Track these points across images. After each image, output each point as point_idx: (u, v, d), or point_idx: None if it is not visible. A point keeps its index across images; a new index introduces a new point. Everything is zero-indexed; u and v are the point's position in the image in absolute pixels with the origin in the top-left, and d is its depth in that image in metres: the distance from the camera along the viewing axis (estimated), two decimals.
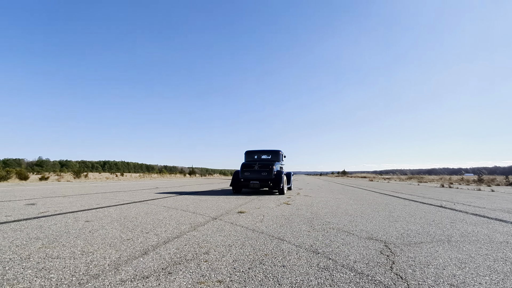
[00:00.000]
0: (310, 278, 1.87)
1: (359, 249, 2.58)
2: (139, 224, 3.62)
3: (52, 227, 3.39)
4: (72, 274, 1.88)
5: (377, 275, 1.94)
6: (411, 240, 2.97)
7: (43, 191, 9.77)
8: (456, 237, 3.11)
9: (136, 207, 5.35)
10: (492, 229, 3.58)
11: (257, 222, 3.91)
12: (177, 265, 2.08)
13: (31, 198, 6.93)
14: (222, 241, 2.82)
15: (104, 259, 2.20)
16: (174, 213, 4.67)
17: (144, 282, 1.76)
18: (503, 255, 2.44)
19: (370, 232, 3.31)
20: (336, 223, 3.92)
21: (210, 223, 3.76)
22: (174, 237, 2.94)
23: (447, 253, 2.50)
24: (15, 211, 4.71)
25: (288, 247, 2.64)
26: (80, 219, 3.99)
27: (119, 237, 2.94)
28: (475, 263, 2.23)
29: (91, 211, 4.81)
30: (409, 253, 2.48)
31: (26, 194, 8.18)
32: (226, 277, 1.87)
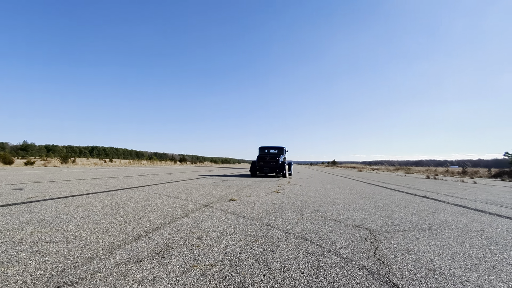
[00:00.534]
0: (298, 262, 1.96)
1: (345, 236, 2.70)
2: (131, 210, 3.65)
3: (43, 212, 3.38)
4: (66, 258, 1.91)
5: (361, 260, 2.06)
6: (395, 228, 3.12)
7: (29, 176, 9.59)
8: (436, 226, 3.27)
9: (127, 194, 5.35)
10: (470, 219, 3.77)
11: (248, 209, 4.00)
12: (170, 250, 2.14)
13: (18, 183, 6.81)
14: (213, 227, 2.89)
15: (98, 244, 2.24)
16: (166, 199, 4.70)
17: (138, 265, 1.81)
18: (478, 243, 2.60)
19: (356, 220, 3.45)
20: (325, 211, 4.04)
21: (202, 210, 3.82)
22: (166, 223, 3.00)
23: (427, 240, 2.64)
24: (2, 196, 4.64)
25: (277, 233, 2.73)
26: (70, 204, 3.98)
27: (111, 222, 2.97)
28: (452, 249, 2.37)
29: (81, 196, 4.79)
30: (392, 240, 2.61)
31: (12, 179, 8.03)
32: (218, 261, 1.95)
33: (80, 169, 17.81)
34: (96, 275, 1.65)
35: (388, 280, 1.70)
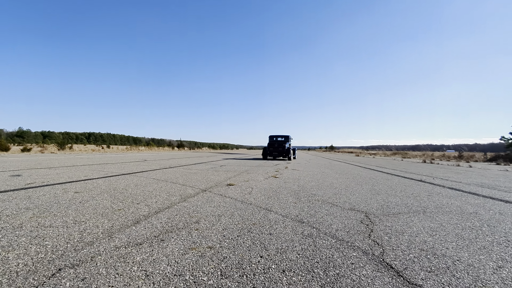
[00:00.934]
0: (295, 244, 2.01)
1: (341, 219, 2.75)
2: (129, 196, 3.68)
3: (41, 198, 3.40)
4: (66, 242, 1.94)
5: (356, 241, 2.10)
6: (390, 211, 3.17)
7: (27, 162, 9.58)
8: (431, 209, 3.34)
9: (125, 179, 5.37)
10: (464, 201, 3.85)
11: (246, 194, 4.04)
12: (169, 233, 2.17)
13: (16, 170, 6.81)
14: (212, 211, 2.93)
15: (97, 228, 2.27)
16: (164, 185, 4.73)
17: (138, 248, 1.84)
18: (470, 224, 2.67)
19: (352, 204, 3.50)
20: (321, 195, 4.10)
21: (200, 195, 3.86)
22: (165, 208, 3.03)
23: (421, 222, 2.70)
24: (0, 182, 4.64)
25: (275, 217, 2.78)
26: (69, 190, 4.00)
27: (110, 207, 3.00)
28: (445, 231, 2.43)
29: (79, 182, 4.81)
30: (387, 222, 2.67)
31: (10, 166, 8.01)
32: (216, 243, 1.99)
33: (78, 155, 17.78)
34: (97, 258, 1.68)
35: (382, 260, 1.75)
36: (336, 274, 1.56)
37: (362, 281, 1.48)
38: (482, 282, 1.50)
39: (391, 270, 1.62)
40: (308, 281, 1.47)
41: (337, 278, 1.51)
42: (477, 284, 1.47)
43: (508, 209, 3.37)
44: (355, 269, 1.62)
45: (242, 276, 1.51)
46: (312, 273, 1.56)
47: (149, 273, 1.51)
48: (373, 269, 1.62)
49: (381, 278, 1.52)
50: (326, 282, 1.46)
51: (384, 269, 1.62)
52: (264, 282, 1.45)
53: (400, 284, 1.45)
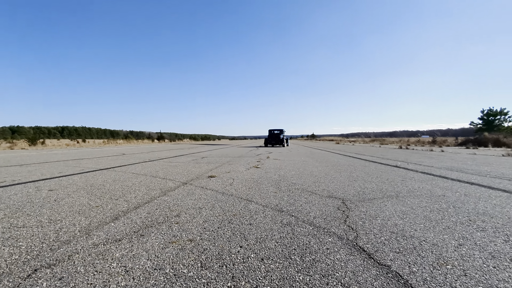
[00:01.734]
0: (274, 233, 2.07)
1: (319, 207, 2.85)
2: (107, 191, 3.60)
3: (13, 197, 3.25)
4: (41, 241, 1.89)
5: (332, 227, 2.21)
6: (366, 197, 3.33)
7: None
8: (403, 193, 3.53)
9: (102, 175, 5.23)
10: (434, 185, 4.09)
11: (227, 185, 4.07)
12: (148, 228, 2.17)
13: None
14: (192, 204, 2.94)
15: (74, 226, 2.22)
16: (144, 179, 4.66)
17: (117, 245, 1.83)
18: (438, 206, 2.86)
19: (331, 191, 3.63)
20: (301, 184, 4.21)
21: (181, 188, 3.84)
22: (145, 203, 3.00)
23: (393, 206, 2.86)
24: None
25: (255, 207, 2.83)
26: (42, 188, 3.85)
27: (87, 204, 2.93)
28: (414, 214, 2.59)
29: (53, 179, 4.63)
30: (362, 208, 2.80)
31: None
32: (197, 236, 2.01)
33: (51, 151, 16.97)
34: (74, 257, 1.66)
35: (355, 244, 1.85)
36: (312, 259, 1.64)
37: (336, 264, 1.57)
38: (444, 259, 1.63)
39: (363, 253, 1.72)
40: (285, 268, 1.54)
41: (312, 263, 1.59)
42: (439, 262, 1.60)
43: (473, 191, 3.63)
44: (330, 254, 1.71)
45: (222, 267, 1.55)
46: (290, 260, 1.63)
47: (128, 269, 1.52)
48: (346, 253, 1.72)
49: (354, 261, 1.61)
50: (302, 268, 1.54)
51: (357, 253, 1.72)
52: (243, 271, 1.50)
53: (370, 266, 1.55)
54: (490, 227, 2.20)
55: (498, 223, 2.31)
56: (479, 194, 3.42)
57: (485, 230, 2.13)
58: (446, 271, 1.50)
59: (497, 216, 2.50)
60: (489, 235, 2.04)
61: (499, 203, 2.97)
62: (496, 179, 4.56)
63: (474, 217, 2.49)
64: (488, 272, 1.48)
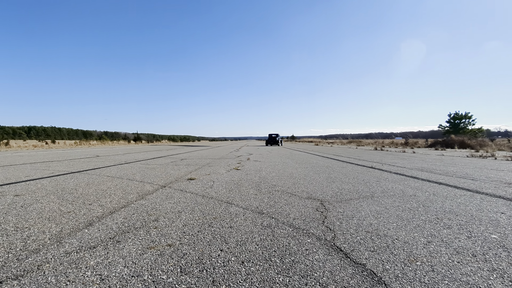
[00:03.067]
0: (254, 235, 2.09)
1: (299, 208, 2.91)
2: (80, 196, 3.44)
3: None
4: (7, 251, 1.77)
5: (311, 228, 2.26)
6: (343, 197, 3.43)
7: None
8: (378, 193, 3.68)
9: (75, 178, 4.99)
10: (406, 185, 4.31)
11: (207, 188, 4.03)
12: (125, 234, 2.10)
13: None
14: (171, 208, 2.89)
15: (44, 234, 2.10)
16: (119, 182, 4.50)
17: (91, 252, 1.76)
18: (409, 206, 3.01)
19: (310, 193, 3.71)
20: (281, 185, 4.26)
21: (159, 191, 3.76)
22: (121, 207, 2.90)
23: (369, 206, 2.98)
24: None
25: (236, 210, 2.84)
26: (7, 193, 3.60)
27: (58, 210, 2.78)
28: (388, 213, 2.72)
29: (19, 184, 4.35)
30: (340, 208, 2.89)
31: None
32: (176, 240, 1.98)
33: (16, 152, 15.89)
34: (44, 266, 1.57)
35: (333, 245, 1.91)
36: (292, 260, 1.67)
37: (315, 265, 1.61)
38: (414, 256, 1.73)
39: (340, 252, 1.78)
40: (265, 270, 1.56)
41: (292, 265, 1.62)
42: (410, 258, 1.69)
43: (441, 190, 3.86)
44: (309, 255, 1.75)
45: (202, 271, 1.54)
46: (270, 262, 1.65)
47: (104, 277, 1.46)
48: (324, 253, 1.77)
49: (331, 261, 1.67)
50: (282, 269, 1.56)
51: (334, 253, 1.78)
52: (223, 275, 1.50)
53: (347, 265, 1.61)
54: (455, 225, 2.36)
55: (462, 220, 2.48)
56: (446, 194, 3.64)
57: (451, 228, 2.28)
58: (416, 267, 1.58)
59: (461, 214, 2.68)
60: (454, 232, 2.18)
61: (463, 202, 3.18)
62: (461, 179, 4.88)
63: (441, 215, 2.65)
64: (453, 267, 1.59)
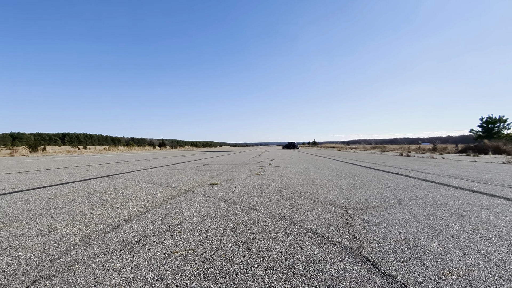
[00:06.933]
0: (277, 242, 2.05)
1: (322, 215, 2.83)
2: (108, 199, 3.58)
3: (12, 206, 3.23)
4: (41, 251, 1.87)
5: (336, 236, 2.18)
6: (368, 205, 3.30)
7: None
8: (406, 201, 3.50)
9: (103, 182, 5.21)
10: (436, 193, 4.07)
11: (229, 193, 4.05)
12: (150, 237, 2.15)
13: None
14: (194, 212, 2.92)
15: (74, 235, 2.20)
16: (145, 187, 4.64)
17: (118, 255, 1.81)
18: (441, 214, 2.83)
19: (333, 199, 3.61)
20: (304, 191, 4.18)
21: (183, 196, 3.82)
22: (146, 211, 2.98)
23: (396, 215, 2.83)
24: None
25: (258, 215, 2.81)
26: (42, 196, 3.83)
27: (88, 212, 2.91)
28: (417, 222, 2.57)
29: (54, 187, 4.61)
30: (365, 216, 2.78)
31: None
32: (199, 245, 1.99)
33: (51, 157, 16.96)
34: (74, 267, 1.64)
35: (359, 254, 1.83)
36: (316, 269, 1.61)
37: (341, 275, 1.55)
38: (449, 269, 1.61)
39: (368, 262, 1.70)
40: (289, 278, 1.52)
41: (317, 274, 1.56)
42: (445, 272, 1.57)
43: (475, 199, 3.60)
44: (334, 264, 1.68)
45: (225, 277, 1.53)
46: (293, 270, 1.61)
47: (130, 280, 1.49)
48: (350, 263, 1.69)
49: (358, 271, 1.59)
50: (306, 278, 1.51)
51: (361, 262, 1.70)
52: (246, 282, 1.48)
53: (375, 276, 1.53)
54: (494, 236, 2.18)
55: (501, 231, 2.29)
56: (482, 202, 3.39)
57: (489, 239, 2.11)
58: (452, 281, 1.47)
59: (500, 225, 2.47)
60: (493, 244, 2.01)
61: (502, 211, 2.95)
62: (497, 187, 4.54)
63: (477, 225, 2.46)
64: (494, 282, 1.46)
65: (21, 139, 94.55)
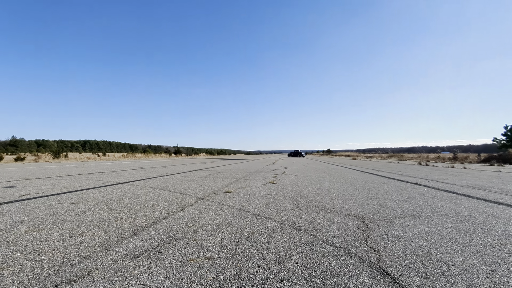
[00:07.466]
0: (292, 253, 2.02)
1: (338, 225, 2.77)
2: (126, 206, 3.66)
3: (36, 210, 3.37)
4: (63, 256, 1.93)
5: (353, 248, 2.12)
6: (386, 216, 3.20)
7: (20, 172, 9.46)
8: (426, 212, 3.37)
9: (121, 188, 5.34)
10: (459, 204, 3.89)
11: (244, 201, 4.04)
12: (166, 245, 2.17)
13: (9, 180, 6.73)
14: (209, 220, 2.93)
15: (94, 241, 2.26)
16: (161, 193, 4.72)
17: (135, 261, 1.84)
18: (465, 228, 2.70)
19: (349, 209, 3.53)
20: (319, 201, 4.12)
21: (198, 203, 3.85)
22: (162, 218, 3.02)
23: (416, 227, 2.73)
24: None
25: (273, 224, 2.79)
26: (64, 201, 3.97)
27: (107, 218, 2.98)
28: (439, 235, 2.46)
29: (75, 193, 4.77)
30: (383, 228, 2.69)
31: (3, 176, 7.92)
32: (214, 254, 1.99)
33: (73, 164, 17.60)
34: (94, 273, 1.68)
35: (378, 267, 1.77)
36: (334, 282, 1.57)
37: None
38: (476, 286, 1.52)
39: (387, 277, 1.64)
40: None
41: (334, 287, 1.52)
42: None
43: (501, 211, 3.42)
44: (352, 277, 1.63)
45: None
46: (310, 282, 1.57)
47: (147, 287, 1.51)
48: (369, 277, 1.64)
49: (378, 285, 1.54)
50: None
51: (380, 276, 1.64)
52: None
53: None
54: None
55: None
56: (509, 215, 3.22)
57: None
58: None
59: None
60: None
61: None
62: None
63: (505, 240, 2.33)
64: None
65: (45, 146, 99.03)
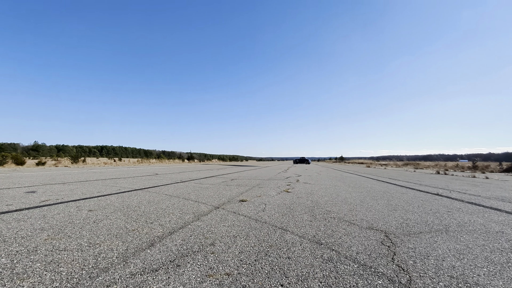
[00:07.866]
0: (316, 270, 1.91)
1: (360, 240, 2.64)
2: (143, 214, 3.65)
3: (56, 217, 3.41)
4: (81, 268, 1.91)
5: (380, 266, 2.00)
6: (410, 230, 3.04)
7: (41, 177, 9.75)
8: (453, 227, 3.18)
9: (137, 195, 5.38)
10: (487, 218, 3.66)
11: (259, 211, 3.96)
12: (184, 257, 2.11)
13: (31, 186, 6.92)
14: (226, 231, 2.86)
15: (112, 251, 2.23)
16: (176, 201, 4.70)
17: (154, 276, 1.79)
18: (499, 246, 2.51)
19: (370, 222, 3.38)
20: (337, 212, 3.98)
21: (213, 212, 3.80)
22: (179, 228, 2.98)
23: (445, 243, 2.56)
24: (15, 199, 4.71)
25: (291, 237, 2.69)
26: (82, 208, 4.01)
27: (124, 227, 2.97)
28: (472, 254, 2.29)
29: (93, 199, 4.83)
30: (409, 243, 2.54)
31: (25, 181, 8.17)
32: (234, 269, 1.91)
33: (90, 169, 18.05)
34: (112, 287, 1.64)
35: None
36: None
37: None
38: None
39: None
40: None
41: None
42: None
43: None
44: None
45: None
46: None
47: None
48: None
49: None
50: None
51: None
52: None
53: None
54: None
55: None
56: None
57: None
58: None
59: None
60: None
61: None
62: None
63: None
64: None
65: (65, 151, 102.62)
